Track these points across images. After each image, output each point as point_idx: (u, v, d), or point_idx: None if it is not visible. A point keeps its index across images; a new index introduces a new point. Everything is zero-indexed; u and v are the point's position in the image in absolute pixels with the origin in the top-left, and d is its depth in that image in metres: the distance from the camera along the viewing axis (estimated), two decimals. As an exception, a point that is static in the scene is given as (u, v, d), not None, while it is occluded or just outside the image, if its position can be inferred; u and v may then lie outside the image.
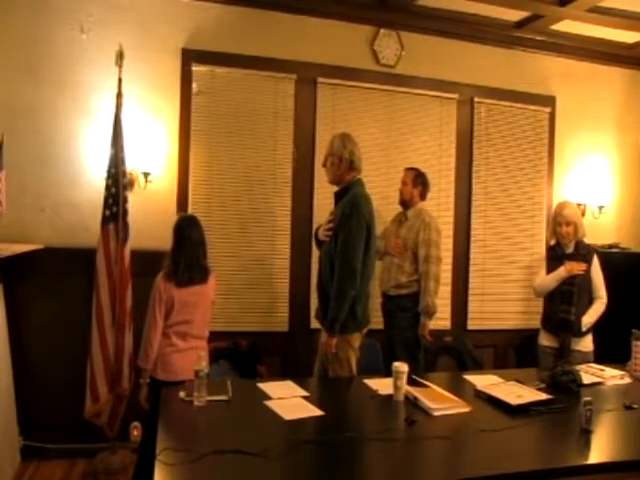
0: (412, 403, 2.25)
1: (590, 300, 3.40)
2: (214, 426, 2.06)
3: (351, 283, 2.74)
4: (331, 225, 2.89)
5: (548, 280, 3.45)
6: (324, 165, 3.00)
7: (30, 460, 3.34)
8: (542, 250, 4.28)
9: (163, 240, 3.13)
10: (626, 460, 1.84)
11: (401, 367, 2.28)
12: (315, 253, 3.81)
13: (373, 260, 2.96)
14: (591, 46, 4.56)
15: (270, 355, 3.83)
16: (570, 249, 3.45)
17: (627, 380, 2.74)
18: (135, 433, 3.56)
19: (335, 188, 3.00)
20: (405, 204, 3.66)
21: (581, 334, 3.35)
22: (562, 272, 3.37)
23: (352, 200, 2.82)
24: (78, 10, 3.54)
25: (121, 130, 3.28)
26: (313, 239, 3.24)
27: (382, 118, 4.17)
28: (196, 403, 2.16)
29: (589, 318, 3.36)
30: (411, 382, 2.37)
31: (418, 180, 3.64)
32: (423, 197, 3.67)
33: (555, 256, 3.49)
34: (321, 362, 2.94)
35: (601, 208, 4.61)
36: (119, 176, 3.26)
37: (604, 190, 4.64)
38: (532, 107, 4.51)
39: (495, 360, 4.41)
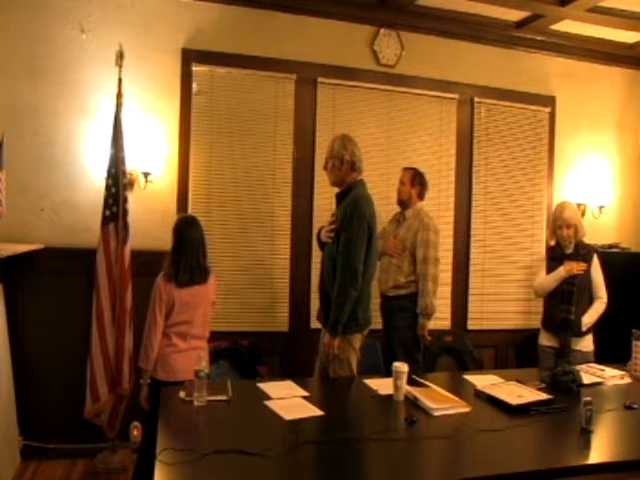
0: (412, 403, 2.25)
1: (590, 300, 3.41)
2: (214, 426, 2.06)
3: (353, 284, 2.74)
4: (333, 226, 2.89)
5: (548, 280, 3.45)
6: (325, 168, 2.99)
7: (30, 460, 3.34)
8: (542, 250, 4.28)
9: (163, 240, 3.14)
10: (626, 460, 1.84)
11: (401, 367, 2.28)
12: (315, 253, 3.83)
13: (374, 261, 2.96)
14: (591, 46, 4.57)
15: (270, 355, 3.83)
16: (570, 249, 3.45)
17: (627, 380, 2.74)
18: (135, 433, 3.56)
19: (337, 190, 3.00)
20: (403, 204, 3.65)
21: (581, 334, 3.35)
22: (562, 272, 3.38)
23: (353, 201, 2.82)
24: (78, 10, 3.54)
25: (121, 130, 3.28)
26: (315, 240, 3.24)
27: (382, 118, 4.17)
28: (196, 403, 2.15)
29: (589, 318, 3.36)
30: (411, 382, 2.37)
31: (416, 180, 3.63)
32: (421, 197, 3.66)
33: (555, 256, 3.49)
34: (322, 362, 2.94)
35: (601, 208, 4.61)
36: (119, 176, 3.26)
37: (604, 190, 4.64)
38: (532, 107, 4.51)
39: (495, 360, 4.41)
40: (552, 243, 3.65)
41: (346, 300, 2.74)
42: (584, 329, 3.35)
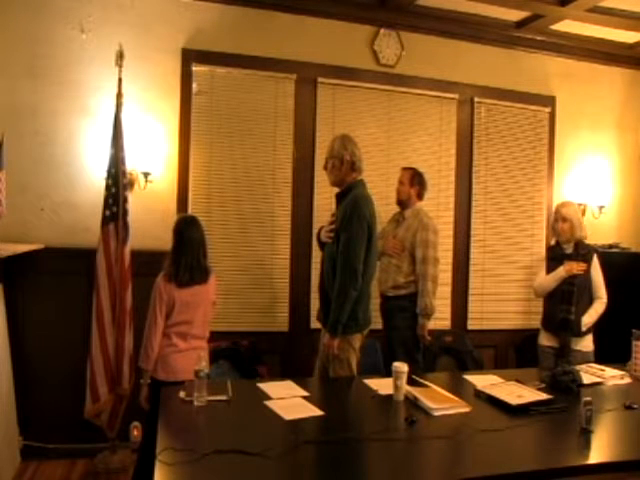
0: (412, 403, 2.25)
1: (590, 300, 3.41)
2: (214, 426, 2.06)
3: (353, 284, 2.74)
4: (333, 226, 2.89)
5: (548, 280, 3.45)
6: (325, 168, 2.99)
7: (30, 460, 3.34)
8: (542, 250, 4.28)
9: (163, 240, 3.14)
10: (626, 460, 1.84)
11: (401, 367, 2.28)
12: (315, 253, 3.83)
13: (374, 261, 2.96)
14: (591, 46, 4.57)
15: (270, 355, 3.83)
16: (570, 249, 3.45)
17: (627, 380, 2.74)
18: (135, 433, 3.56)
19: (336, 190, 3.00)
20: (402, 204, 3.64)
21: (581, 334, 3.35)
22: (561, 272, 3.38)
23: (353, 201, 2.82)
24: (78, 10, 3.54)
25: (121, 130, 3.28)
26: (315, 240, 3.24)
27: (382, 118, 4.17)
28: (196, 403, 2.15)
29: (589, 318, 3.36)
30: (411, 382, 2.37)
31: (415, 180, 3.62)
32: (420, 197, 3.65)
33: (555, 256, 3.49)
34: (322, 362, 2.94)
35: (601, 208, 4.61)
36: (119, 176, 3.26)
37: (604, 190, 4.64)
38: (532, 107, 4.51)
39: (495, 360, 4.41)
40: (552, 242, 3.65)
41: (346, 300, 2.74)
42: (584, 329, 3.35)
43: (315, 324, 3.39)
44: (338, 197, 2.97)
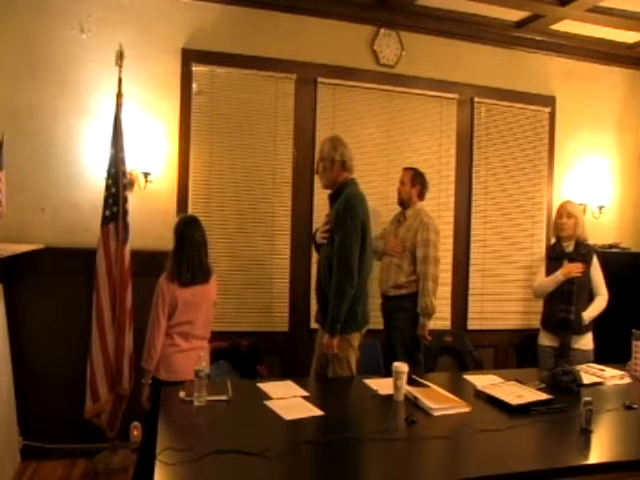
0: (412, 403, 2.25)
1: (590, 299, 3.41)
2: (214, 426, 2.06)
3: (349, 282, 2.74)
4: (327, 227, 2.89)
5: (547, 282, 3.45)
6: (317, 172, 3.00)
7: (30, 460, 3.34)
8: (542, 250, 4.28)
9: (163, 240, 3.14)
10: (626, 460, 1.84)
11: (401, 367, 2.28)
12: (315, 252, 3.82)
13: (370, 259, 2.95)
14: (591, 46, 4.57)
15: (270, 355, 3.83)
16: (570, 247, 3.45)
17: (627, 380, 2.74)
18: (135, 433, 3.56)
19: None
20: (403, 204, 3.65)
21: (581, 331, 3.35)
22: (560, 276, 3.38)
23: (346, 200, 2.82)
24: (78, 10, 3.54)
25: (121, 130, 3.28)
26: (312, 243, 3.24)
27: (382, 118, 4.17)
28: (196, 403, 2.16)
29: (591, 312, 3.37)
30: (411, 382, 2.37)
31: (416, 180, 3.63)
32: (421, 197, 3.66)
33: (555, 255, 3.49)
34: (318, 361, 2.94)
35: (601, 208, 4.61)
36: (119, 176, 3.26)
37: (604, 190, 4.64)
38: (532, 107, 4.51)
39: (495, 360, 4.41)
40: (553, 241, 3.65)
41: (343, 299, 2.74)
42: (586, 322, 3.35)
43: (315, 324, 3.38)
44: (331, 198, 2.97)
